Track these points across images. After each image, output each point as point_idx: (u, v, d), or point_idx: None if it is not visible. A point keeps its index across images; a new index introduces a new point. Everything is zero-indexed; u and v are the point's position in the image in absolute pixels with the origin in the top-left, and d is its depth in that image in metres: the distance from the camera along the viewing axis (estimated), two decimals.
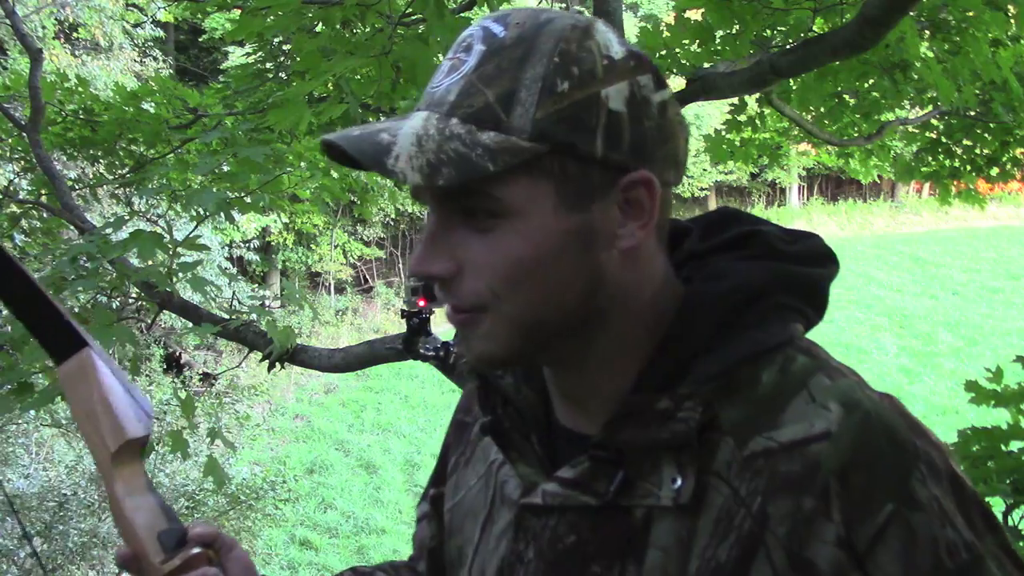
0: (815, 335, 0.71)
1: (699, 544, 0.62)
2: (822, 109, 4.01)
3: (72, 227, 3.68)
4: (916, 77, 3.32)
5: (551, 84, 0.62)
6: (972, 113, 4.01)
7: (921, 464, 0.61)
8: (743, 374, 0.65)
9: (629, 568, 0.65)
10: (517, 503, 0.72)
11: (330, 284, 18.00)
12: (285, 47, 3.25)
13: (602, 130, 0.63)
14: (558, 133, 0.62)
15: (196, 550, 0.74)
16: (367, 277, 18.96)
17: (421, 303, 2.78)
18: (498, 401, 0.75)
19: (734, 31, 2.77)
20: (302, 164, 3.60)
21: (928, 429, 0.65)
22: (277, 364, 3.22)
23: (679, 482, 0.63)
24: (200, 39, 16.94)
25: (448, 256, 0.65)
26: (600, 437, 0.67)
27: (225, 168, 2.88)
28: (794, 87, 3.72)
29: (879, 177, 5.26)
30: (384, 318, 17.18)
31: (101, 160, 3.90)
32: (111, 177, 3.93)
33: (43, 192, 3.77)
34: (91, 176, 4.58)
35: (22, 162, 4.00)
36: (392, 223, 18.47)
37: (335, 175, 3.93)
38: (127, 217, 2.72)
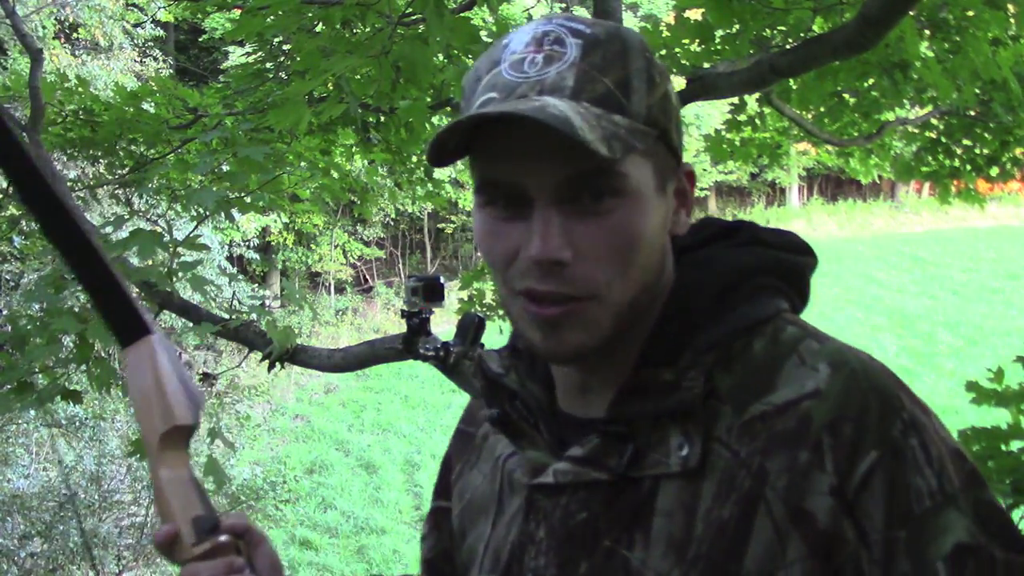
0: None
1: (703, 507, 0.65)
2: (822, 109, 4.01)
3: None
4: (916, 77, 3.31)
5: (651, 76, 0.67)
6: (972, 113, 4.01)
7: (904, 414, 0.64)
8: (737, 346, 0.69)
9: (637, 537, 0.67)
10: (527, 486, 0.74)
11: (330, 284, 17.99)
12: (285, 47, 3.25)
13: (674, 121, 0.70)
14: (660, 119, 0.67)
15: (225, 538, 0.76)
16: (367, 277, 18.96)
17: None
18: (504, 397, 0.78)
19: (734, 31, 2.77)
20: (302, 164, 3.60)
21: (911, 390, 0.68)
22: (277, 364, 3.21)
23: (686, 449, 0.66)
24: (200, 39, 16.93)
25: (567, 242, 0.65)
26: (610, 413, 0.69)
27: (225, 168, 2.88)
28: (794, 87, 3.72)
29: (879, 177, 5.26)
30: (384, 318, 17.17)
31: (101, 160, 3.89)
32: (111, 177, 3.92)
33: None
34: (91, 176, 4.57)
35: None
36: (392, 223, 18.46)
37: (335, 175, 3.92)
38: (127, 217, 2.72)
